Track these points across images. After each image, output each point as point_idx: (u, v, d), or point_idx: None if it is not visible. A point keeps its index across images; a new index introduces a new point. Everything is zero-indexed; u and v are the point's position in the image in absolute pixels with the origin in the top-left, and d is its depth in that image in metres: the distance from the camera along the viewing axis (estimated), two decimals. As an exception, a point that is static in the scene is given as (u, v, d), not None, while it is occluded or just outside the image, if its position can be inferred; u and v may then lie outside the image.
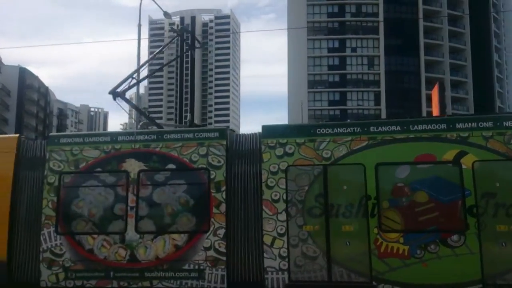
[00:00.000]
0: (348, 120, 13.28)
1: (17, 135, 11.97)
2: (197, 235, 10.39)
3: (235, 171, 10.57)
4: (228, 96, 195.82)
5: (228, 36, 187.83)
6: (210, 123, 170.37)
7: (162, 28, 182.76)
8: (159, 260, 10.41)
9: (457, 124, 9.88)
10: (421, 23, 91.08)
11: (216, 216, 10.34)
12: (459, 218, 9.62)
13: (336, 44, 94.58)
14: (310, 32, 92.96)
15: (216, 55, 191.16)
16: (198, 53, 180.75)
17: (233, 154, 10.70)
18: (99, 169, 10.97)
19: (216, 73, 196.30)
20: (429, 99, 62.31)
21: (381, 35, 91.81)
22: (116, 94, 12.65)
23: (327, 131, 10.36)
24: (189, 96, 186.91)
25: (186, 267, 10.32)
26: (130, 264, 10.49)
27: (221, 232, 10.27)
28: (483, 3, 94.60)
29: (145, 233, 10.54)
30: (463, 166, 9.67)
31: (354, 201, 9.97)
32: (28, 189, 11.13)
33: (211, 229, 10.31)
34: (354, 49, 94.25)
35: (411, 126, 10.08)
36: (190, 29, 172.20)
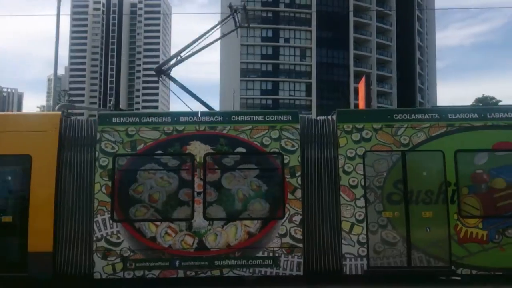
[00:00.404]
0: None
1: (59, 112, 10.85)
2: (271, 222, 9.95)
3: (310, 156, 10.21)
4: (157, 81, 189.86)
5: (159, 18, 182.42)
6: (137, 108, 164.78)
7: (87, 6, 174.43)
8: (230, 247, 9.87)
9: None
10: (351, 17, 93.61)
11: (292, 202, 9.95)
12: None
13: (270, 34, 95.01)
14: (244, 19, 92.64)
15: (145, 37, 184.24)
16: (125, 34, 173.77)
17: (307, 138, 10.32)
18: (160, 152, 10.19)
19: (145, 56, 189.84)
20: (356, 92, 64.22)
21: (314, 27, 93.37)
22: (161, 72, 11.96)
23: (405, 116, 10.27)
24: (114, 79, 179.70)
25: (260, 254, 9.87)
26: (198, 252, 9.86)
27: (297, 218, 9.90)
28: (409, 2, 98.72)
29: (214, 219, 9.94)
30: None
31: (434, 188, 9.97)
32: (75, 172, 10.10)
33: (287, 215, 9.91)
34: (287, 40, 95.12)
35: (488, 114, 10.21)
36: (117, 8, 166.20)
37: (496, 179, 9.93)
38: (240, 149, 10.17)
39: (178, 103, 12.00)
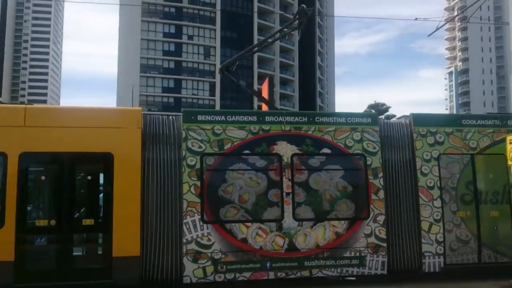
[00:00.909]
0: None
1: (139, 108, 10.20)
2: (357, 222, 10.22)
3: (389, 158, 10.62)
4: (46, 73, 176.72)
5: (50, 5, 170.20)
6: (23, 102, 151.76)
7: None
8: (319, 248, 9.98)
9: None
10: (256, 19, 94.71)
11: (375, 202, 10.29)
12: None
13: (172, 30, 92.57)
14: (144, 13, 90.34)
15: (34, 25, 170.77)
16: (10, 20, 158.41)
17: (385, 141, 10.71)
18: (247, 151, 10.03)
19: (33, 45, 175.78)
20: (260, 93, 64.53)
21: (218, 26, 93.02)
22: (226, 70, 11.89)
23: (472, 122, 11.04)
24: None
25: (347, 254, 10.10)
26: (288, 253, 9.86)
27: (381, 218, 10.26)
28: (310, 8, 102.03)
29: (304, 220, 9.99)
30: None
31: (499, 189, 10.85)
32: (160, 171, 9.63)
33: (371, 215, 10.23)
34: (190, 37, 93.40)
35: None
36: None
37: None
38: (326, 150, 10.32)
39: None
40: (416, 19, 17.73)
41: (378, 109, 76.58)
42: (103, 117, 9.77)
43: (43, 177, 9.62)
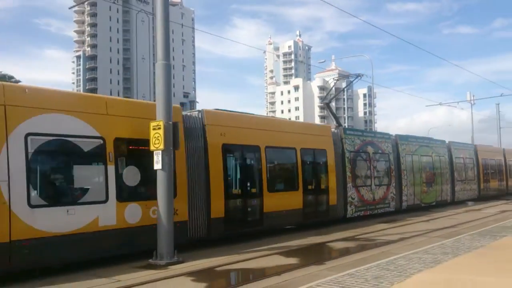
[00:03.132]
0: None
1: (329, 125, 18.26)
2: (389, 186, 21.14)
3: (402, 157, 21.87)
4: None
5: None
6: None
7: None
8: (380, 199, 20.50)
9: None
10: None
11: (392, 177, 21.43)
12: None
13: None
14: None
15: None
16: None
17: (394, 147, 21.86)
18: (361, 151, 19.66)
19: None
20: None
21: None
22: (327, 104, 20.66)
23: (423, 141, 23.36)
24: None
25: (386, 201, 20.93)
26: (373, 201, 20.04)
27: (393, 185, 21.48)
28: None
29: (377, 185, 20.29)
30: None
31: (424, 170, 23.53)
32: (338, 160, 18.35)
33: (391, 183, 21.33)
34: None
35: (426, 140, 24.54)
36: None
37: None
38: (380, 151, 20.82)
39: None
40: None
41: (6, 80, 71.44)
42: (320, 130, 17.84)
43: (309, 163, 16.96)
